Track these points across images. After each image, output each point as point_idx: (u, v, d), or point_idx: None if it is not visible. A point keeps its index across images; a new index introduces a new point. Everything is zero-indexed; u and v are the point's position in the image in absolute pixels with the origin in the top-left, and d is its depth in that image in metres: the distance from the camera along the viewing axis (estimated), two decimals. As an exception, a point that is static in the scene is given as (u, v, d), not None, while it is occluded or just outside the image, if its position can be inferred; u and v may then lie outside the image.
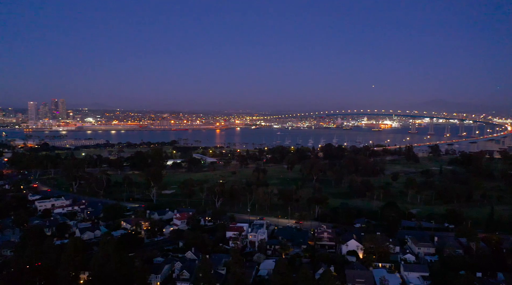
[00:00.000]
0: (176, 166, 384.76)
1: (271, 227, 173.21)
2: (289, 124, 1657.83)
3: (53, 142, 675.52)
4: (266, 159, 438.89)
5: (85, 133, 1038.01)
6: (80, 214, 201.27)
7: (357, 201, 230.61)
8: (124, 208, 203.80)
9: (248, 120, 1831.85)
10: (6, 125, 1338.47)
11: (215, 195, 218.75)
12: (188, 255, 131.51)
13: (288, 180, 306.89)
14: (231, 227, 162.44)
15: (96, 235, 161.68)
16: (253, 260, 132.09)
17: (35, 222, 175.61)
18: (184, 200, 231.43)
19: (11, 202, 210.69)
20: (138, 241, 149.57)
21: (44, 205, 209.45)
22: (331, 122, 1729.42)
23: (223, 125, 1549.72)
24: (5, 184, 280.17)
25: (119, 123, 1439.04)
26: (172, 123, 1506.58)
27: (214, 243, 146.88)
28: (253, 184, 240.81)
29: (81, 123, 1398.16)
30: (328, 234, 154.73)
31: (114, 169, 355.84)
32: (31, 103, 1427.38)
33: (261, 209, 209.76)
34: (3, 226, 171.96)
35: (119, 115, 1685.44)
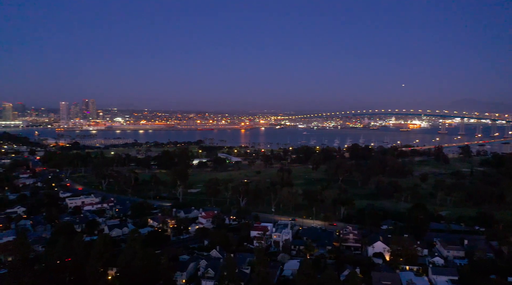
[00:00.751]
0: (201, 165, 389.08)
1: (295, 228, 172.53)
2: (314, 124, 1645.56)
3: (84, 141, 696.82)
4: (291, 159, 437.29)
5: (114, 133, 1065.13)
6: (109, 211, 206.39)
7: (384, 202, 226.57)
8: (151, 206, 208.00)
9: (273, 120, 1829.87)
10: (39, 124, 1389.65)
11: (240, 194, 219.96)
12: (213, 254, 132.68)
13: (313, 180, 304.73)
14: (255, 226, 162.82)
15: (124, 232, 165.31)
16: (277, 260, 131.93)
17: (65, 219, 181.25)
18: (209, 199, 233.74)
19: (43, 199, 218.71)
20: (165, 238, 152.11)
21: (75, 203, 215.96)
22: (358, 122, 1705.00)
23: (248, 125, 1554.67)
24: (38, 181, 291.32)
25: (147, 123, 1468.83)
26: (198, 123, 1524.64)
27: (239, 242, 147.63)
28: (278, 184, 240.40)
29: (111, 122, 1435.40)
30: (354, 236, 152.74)
31: (142, 168, 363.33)
32: (62, 104, 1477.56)
33: (285, 209, 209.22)
34: (35, 222, 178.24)
35: (147, 115, 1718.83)
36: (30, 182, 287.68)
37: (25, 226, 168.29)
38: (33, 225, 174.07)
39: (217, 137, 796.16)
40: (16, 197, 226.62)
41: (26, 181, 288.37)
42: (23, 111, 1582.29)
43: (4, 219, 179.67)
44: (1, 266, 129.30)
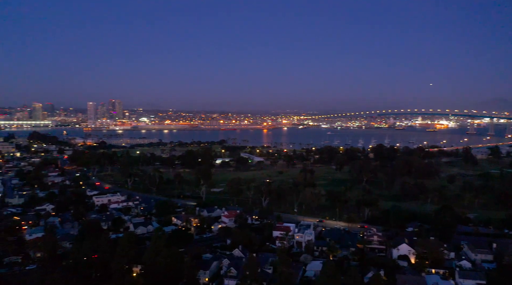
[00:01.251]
0: (224, 165, 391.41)
1: (318, 228, 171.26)
2: (338, 124, 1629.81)
3: (110, 141, 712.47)
4: (314, 160, 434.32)
5: (139, 132, 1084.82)
6: (134, 209, 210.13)
7: (409, 204, 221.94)
8: (175, 205, 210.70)
9: (296, 120, 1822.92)
10: (68, 124, 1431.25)
11: (262, 194, 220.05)
12: (235, 253, 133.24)
13: (337, 181, 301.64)
14: (277, 226, 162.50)
15: (149, 230, 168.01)
16: (300, 261, 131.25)
17: (92, 217, 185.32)
18: (232, 198, 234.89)
19: (71, 197, 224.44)
20: (188, 237, 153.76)
21: (101, 200, 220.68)
22: (383, 121, 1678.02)
23: (270, 125, 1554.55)
24: (66, 180, 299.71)
25: (171, 123, 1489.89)
26: (221, 123, 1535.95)
27: (261, 242, 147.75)
28: (300, 184, 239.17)
29: (136, 122, 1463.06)
30: (378, 237, 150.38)
31: (166, 167, 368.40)
32: (90, 104, 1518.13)
33: (308, 210, 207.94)
34: (63, 219, 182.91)
35: (172, 115, 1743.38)
36: (59, 180, 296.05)
37: (53, 223, 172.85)
38: (61, 222, 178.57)
39: (240, 137, 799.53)
40: (45, 195, 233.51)
41: (55, 179, 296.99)
42: (52, 111, 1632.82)
43: (33, 216, 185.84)
44: (31, 261, 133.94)
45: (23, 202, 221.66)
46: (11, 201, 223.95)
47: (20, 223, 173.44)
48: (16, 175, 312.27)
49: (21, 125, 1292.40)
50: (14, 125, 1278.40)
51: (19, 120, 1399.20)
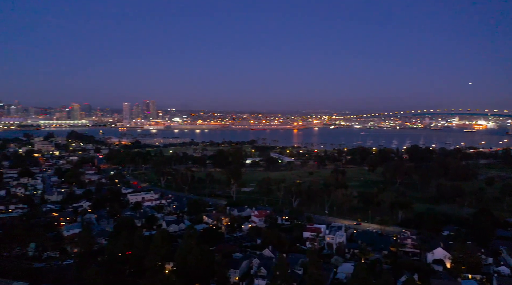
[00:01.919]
0: (254, 165, 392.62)
1: (350, 230, 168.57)
2: (371, 124, 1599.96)
3: (144, 140, 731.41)
4: (346, 160, 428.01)
5: (172, 132, 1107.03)
6: (167, 207, 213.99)
7: (445, 207, 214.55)
8: (206, 203, 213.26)
9: (327, 120, 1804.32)
10: (104, 124, 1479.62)
11: (292, 194, 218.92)
12: (265, 253, 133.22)
13: (369, 182, 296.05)
14: (308, 227, 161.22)
15: (181, 228, 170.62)
16: (331, 263, 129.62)
17: (127, 214, 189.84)
18: (262, 198, 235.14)
19: (107, 194, 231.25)
20: (219, 236, 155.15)
21: (135, 198, 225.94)
22: (418, 122, 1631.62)
23: (301, 124, 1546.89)
24: (102, 178, 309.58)
25: (203, 123, 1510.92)
26: (251, 123, 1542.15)
27: (291, 242, 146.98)
28: (332, 185, 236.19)
29: (169, 122, 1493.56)
30: (412, 241, 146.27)
31: (198, 166, 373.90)
32: (125, 104, 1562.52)
33: (339, 211, 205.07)
34: (99, 216, 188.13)
35: (203, 116, 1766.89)
36: (95, 178, 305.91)
37: (90, 220, 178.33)
38: (97, 219, 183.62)
39: (270, 137, 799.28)
40: (83, 192, 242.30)
41: (92, 177, 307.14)
42: (89, 111, 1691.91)
43: (71, 213, 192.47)
44: (68, 257, 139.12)
45: (61, 199, 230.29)
46: (50, 197, 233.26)
47: (58, 219, 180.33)
48: (55, 173, 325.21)
49: (60, 125, 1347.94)
50: (53, 125, 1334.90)
51: (58, 120, 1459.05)
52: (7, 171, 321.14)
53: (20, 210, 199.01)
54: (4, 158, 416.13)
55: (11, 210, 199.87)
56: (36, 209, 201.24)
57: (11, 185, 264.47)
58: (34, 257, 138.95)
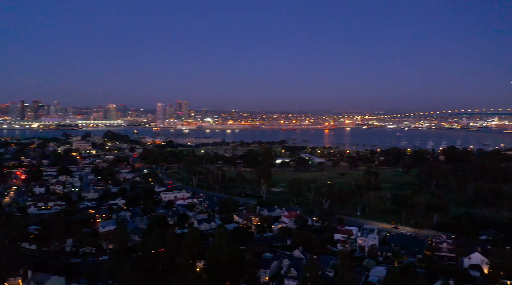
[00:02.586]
0: (284, 165, 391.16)
1: (382, 233, 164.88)
2: (405, 124, 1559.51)
3: (177, 140, 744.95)
4: (379, 161, 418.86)
5: (204, 132, 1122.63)
6: (198, 206, 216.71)
7: (483, 210, 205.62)
8: (236, 203, 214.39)
9: (359, 120, 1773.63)
10: (138, 124, 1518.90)
11: (323, 196, 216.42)
12: (295, 254, 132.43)
13: (403, 184, 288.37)
14: (339, 229, 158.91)
15: (212, 227, 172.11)
16: (362, 265, 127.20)
17: (160, 212, 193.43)
18: (292, 198, 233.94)
19: (141, 192, 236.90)
20: (249, 235, 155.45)
21: (168, 197, 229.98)
22: (455, 122, 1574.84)
23: (332, 125, 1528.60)
24: (136, 176, 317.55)
25: (233, 123, 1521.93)
26: (281, 123, 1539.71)
27: (322, 244, 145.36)
28: (364, 187, 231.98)
29: (201, 122, 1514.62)
30: (448, 245, 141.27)
31: (229, 166, 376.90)
32: (159, 105, 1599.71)
33: (371, 214, 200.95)
34: (134, 213, 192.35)
35: (234, 116, 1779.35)
36: (130, 176, 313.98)
37: (124, 217, 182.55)
38: (132, 216, 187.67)
39: (300, 137, 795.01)
40: (118, 190, 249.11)
41: (126, 176, 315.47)
42: (124, 111, 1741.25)
43: (106, 210, 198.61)
44: (103, 253, 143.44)
45: (98, 196, 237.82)
46: (86, 195, 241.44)
47: (95, 216, 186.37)
48: (91, 171, 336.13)
49: (97, 125, 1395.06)
50: (90, 125, 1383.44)
51: (95, 120, 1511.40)
52: (47, 169, 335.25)
53: (58, 207, 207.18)
54: (44, 156, 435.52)
55: (50, 206, 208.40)
56: (73, 206, 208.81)
57: (50, 183, 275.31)
58: (71, 253, 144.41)
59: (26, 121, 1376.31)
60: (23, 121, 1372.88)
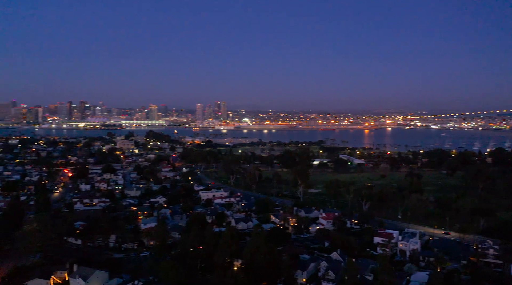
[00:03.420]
0: (322, 166, 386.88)
1: (425, 237, 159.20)
2: (450, 124, 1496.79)
3: (216, 140, 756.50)
4: (421, 163, 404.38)
5: (241, 132, 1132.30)
6: (236, 205, 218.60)
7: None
8: (273, 203, 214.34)
9: (401, 120, 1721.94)
10: (179, 124, 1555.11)
11: (362, 198, 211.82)
12: (333, 256, 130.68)
13: (447, 187, 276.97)
14: (379, 232, 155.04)
15: (249, 226, 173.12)
16: (403, 270, 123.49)
17: (198, 210, 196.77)
18: (330, 200, 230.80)
19: (180, 191, 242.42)
20: (286, 236, 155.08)
21: (207, 195, 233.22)
22: (503, 122, 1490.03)
23: (372, 125, 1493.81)
24: (176, 175, 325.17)
25: (270, 123, 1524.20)
26: (319, 123, 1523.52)
27: (361, 247, 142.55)
28: (405, 189, 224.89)
29: (239, 123, 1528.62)
30: (495, 251, 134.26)
31: (265, 166, 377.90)
32: (198, 105, 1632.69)
33: (413, 217, 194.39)
34: (173, 211, 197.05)
35: (271, 116, 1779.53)
36: (170, 175, 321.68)
37: (165, 215, 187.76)
38: (172, 214, 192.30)
39: (339, 138, 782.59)
40: (159, 188, 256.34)
41: (167, 174, 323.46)
42: (165, 112, 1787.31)
43: (148, 207, 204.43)
44: (144, 249, 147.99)
45: (140, 194, 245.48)
46: (129, 192, 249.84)
47: (137, 213, 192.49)
48: (134, 170, 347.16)
49: (139, 125, 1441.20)
50: (133, 125, 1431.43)
51: (137, 120, 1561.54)
52: (92, 167, 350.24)
53: (103, 203, 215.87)
54: (90, 155, 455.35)
55: (95, 203, 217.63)
56: (117, 203, 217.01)
57: (95, 180, 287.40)
58: (114, 248, 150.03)
59: (73, 121, 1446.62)
60: (70, 121, 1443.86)
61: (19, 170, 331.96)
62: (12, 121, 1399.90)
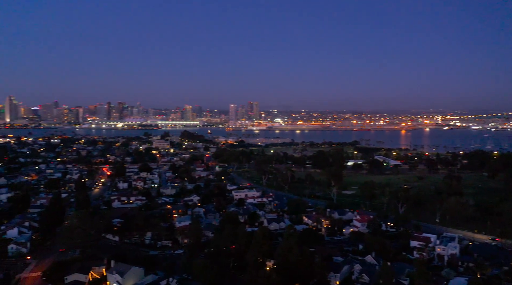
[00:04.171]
0: (356, 167, 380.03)
1: (464, 242, 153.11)
2: (491, 125, 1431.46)
3: (248, 140, 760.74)
4: (461, 165, 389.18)
5: (274, 132, 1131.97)
6: (268, 205, 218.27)
7: None
8: (306, 204, 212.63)
9: (440, 120, 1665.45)
10: (212, 124, 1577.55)
11: (399, 200, 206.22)
12: (368, 259, 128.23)
13: (488, 190, 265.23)
14: (416, 236, 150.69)
15: (281, 227, 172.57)
16: (441, 275, 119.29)
17: (231, 209, 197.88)
18: (364, 202, 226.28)
19: (214, 190, 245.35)
20: (319, 237, 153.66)
21: (239, 195, 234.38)
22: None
23: (409, 125, 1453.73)
24: (210, 174, 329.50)
25: (303, 123, 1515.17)
26: (354, 123, 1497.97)
27: (396, 250, 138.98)
28: (444, 192, 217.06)
29: (271, 123, 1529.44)
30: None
31: (298, 166, 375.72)
32: (231, 106, 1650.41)
33: (452, 221, 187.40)
34: (207, 210, 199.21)
35: (304, 116, 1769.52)
36: (204, 174, 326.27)
37: (198, 213, 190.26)
38: (205, 213, 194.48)
39: (374, 138, 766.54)
40: (193, 187, 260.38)
41: (201, 174, 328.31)
42: (200, 112, 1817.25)
43: (182, 206, 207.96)
44: (179, 246, 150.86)
45: (174, 192, 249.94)
46: (165, 191, 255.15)
47: (172, 211, 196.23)
48: (169, 169, 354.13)
49: (175, 125, 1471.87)
50: (169, 125, 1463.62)
51: (173, 120, 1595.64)
52: (129, 166, 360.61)
53: (139, 201, 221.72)
54: (127, 154, 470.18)
55: (132, 201, 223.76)
56: (153, 201, 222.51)
57: (132, 179, 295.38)
58: (149, 245, 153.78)
59: (112, 121, 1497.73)
60: (109, 121, 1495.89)
61: (61, 169, 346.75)
62: (54, 121, 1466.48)
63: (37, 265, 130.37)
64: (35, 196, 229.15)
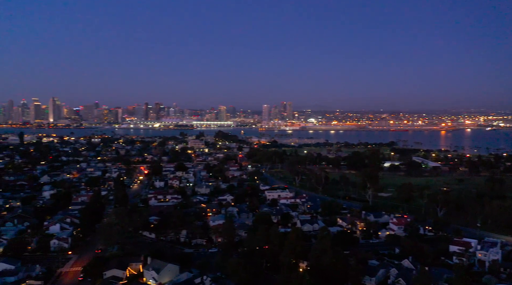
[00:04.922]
0: (393, 169, 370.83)
1: (507, 248, 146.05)
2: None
3: (281, 140, 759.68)
4: (505, 167, 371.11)
5: (307, 133, 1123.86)
6: (301, 206, 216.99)
7: None
8: (340, 206, 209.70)
9: (482, 120, 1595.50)
10: (246, 124, 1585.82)
11: (438, 203, 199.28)
12: (404, 263, 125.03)
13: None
14: (455, 241, 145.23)
15: (314, 228, 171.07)
16: (482, 282, 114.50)
17: (264, 209, 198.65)
18: (401, 205, 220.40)
19: (247, 190, 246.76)
20: (353, 240, 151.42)
21: (272, 195, 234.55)
22: None
23: (449, 126, 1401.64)
24: (243, 174, 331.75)
25: (338, 124, 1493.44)
26: (391, 123, 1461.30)
27: (435, 255, 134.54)
28: (486, 195, 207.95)
29: (304, 123, 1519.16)
30: None
31: (332, 167, 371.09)
32: (264, 106, 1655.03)
33: (495, 225, 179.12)
34: (240, 210, 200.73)
35: (338, 116, 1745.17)
36: (237, 174, 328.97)
37: (232, 213, 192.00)
38: (239, 212, 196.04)
39: (412, 139, 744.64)
40: (226, 187, 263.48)
41: (235, 173, 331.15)
42: (233, 113, 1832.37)
43: (216, 205, 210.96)
44: (213, 245, 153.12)
45: (209, 192, 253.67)
46: (199, 190, 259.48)
47: (206, 210, 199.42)
48: (204, 168, 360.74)
49: (209, 125, 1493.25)
50: (203, 125, 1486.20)
51: (207, 121, 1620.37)
52: (166, 165, 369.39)
53: (175, 200, 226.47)
54: (164, 153, 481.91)
55: (168, 199, 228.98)
56: (188, 200, 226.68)
57: (168, 178, 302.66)
58: (185, 243, 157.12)
59: (149, 121, 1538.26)
60: (146, 121, 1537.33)
61: (101, 167, 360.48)
62: (95, 121, 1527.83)
63: (78, 260, 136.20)
64: (76, 194, 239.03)
